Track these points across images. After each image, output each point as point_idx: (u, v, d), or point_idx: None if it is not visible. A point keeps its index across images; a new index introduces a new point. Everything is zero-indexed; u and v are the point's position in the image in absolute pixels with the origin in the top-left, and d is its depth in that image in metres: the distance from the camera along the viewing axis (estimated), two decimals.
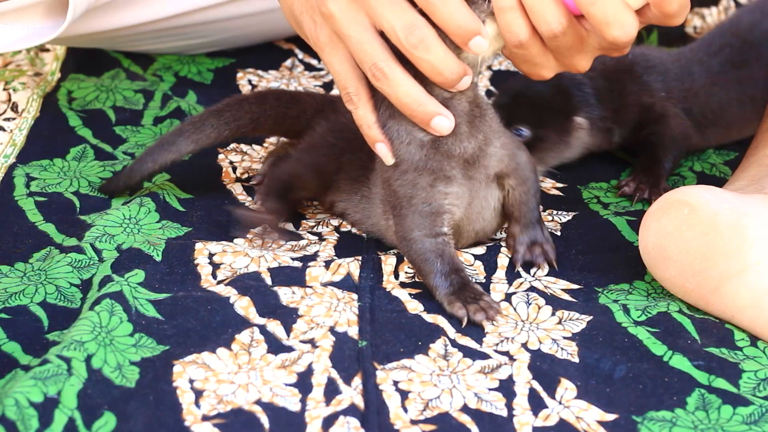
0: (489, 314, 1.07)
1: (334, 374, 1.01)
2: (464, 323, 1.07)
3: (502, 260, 1.16)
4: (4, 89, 1.46)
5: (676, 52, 1.37)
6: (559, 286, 1.13)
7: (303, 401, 0.99)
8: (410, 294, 1.11)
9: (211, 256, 1.15)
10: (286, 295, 1.10)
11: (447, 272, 1.09)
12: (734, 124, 1.36)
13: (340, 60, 1.09)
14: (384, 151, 1.09)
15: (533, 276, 1.15)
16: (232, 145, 1.34)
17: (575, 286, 1.14)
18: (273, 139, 1.36)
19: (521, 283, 1.14)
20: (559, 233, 1.21)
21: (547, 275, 1.15)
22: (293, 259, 1.15)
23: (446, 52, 1.04)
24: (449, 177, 1.09)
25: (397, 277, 1.14)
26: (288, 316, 1.07)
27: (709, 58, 1.35)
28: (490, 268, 1.15)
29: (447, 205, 1.10)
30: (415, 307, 1.10)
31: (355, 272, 1.14)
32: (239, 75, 1.50)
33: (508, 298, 1.11)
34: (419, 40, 1.04)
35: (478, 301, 1.08)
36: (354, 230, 1.21)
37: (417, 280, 1.14)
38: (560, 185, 1.30)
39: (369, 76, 1.07)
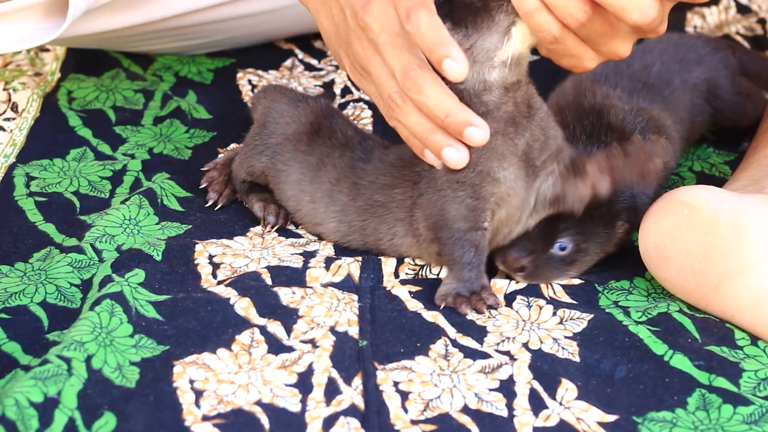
0: (472, 303, 1.08)
1: (335, 374, 1.01)
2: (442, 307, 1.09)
3: None
4: (4, 89, 1.46)
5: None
6: (559, 286, 1.13)
7: (303, 401, 0.99)
8: (410, 292, 1.11)
9: (211, 257, 1.15)
10: (287, 295, 1.10)
11: (476, 264, 1.10)
12: None
13: (368, 84, 1.11)
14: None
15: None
16: (232, 145, 1.34)
17: (576, 281, 1.14)
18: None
19: (521, 283, 1.14)
20: None
21: None
22: (293, 254, 1.15)
23: (440, 93, 1.05)
24: (497, 179, 1.08)
25: (397, 277, 1.14)
26: (288, 317, 1.07)
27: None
28: (491, 267, 1.15)
29: (493, 201, 1.09)
30: (415, 305, 1.10)
31: (356, 273, 1.14)
32: (239, 75, 1.50)
33: (508, 297, 1.11)
34: (413, 82, 1.05)
35: (470, 298, 1.09)
36: None
37: (418, 278, 1.14)
38: None
39: (390, 105, 1.08)
